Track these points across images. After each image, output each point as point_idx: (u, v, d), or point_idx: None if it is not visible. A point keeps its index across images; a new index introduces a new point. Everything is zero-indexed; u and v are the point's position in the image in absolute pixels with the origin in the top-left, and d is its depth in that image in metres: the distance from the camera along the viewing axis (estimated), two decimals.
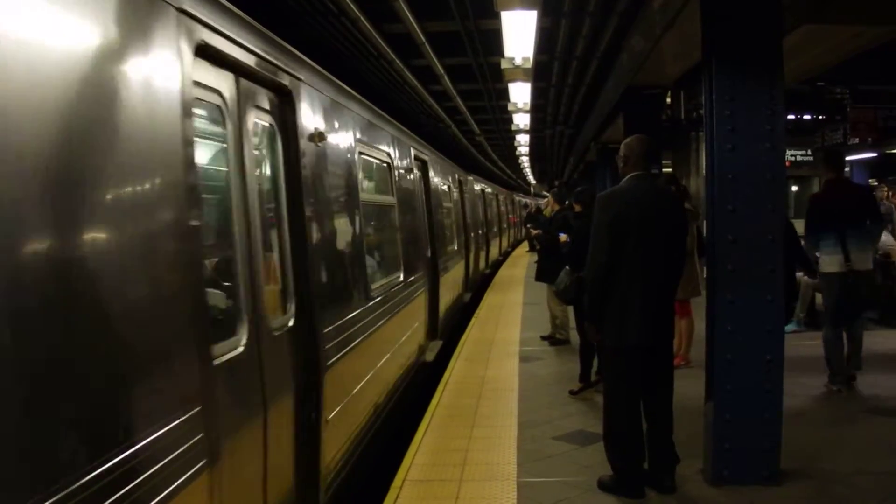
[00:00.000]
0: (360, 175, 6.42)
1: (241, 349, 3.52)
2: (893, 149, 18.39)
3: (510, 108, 16.09)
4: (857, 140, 15.87)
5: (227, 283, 3.64)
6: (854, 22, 6.83)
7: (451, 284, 12.80)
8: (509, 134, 24.69)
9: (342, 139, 5.80)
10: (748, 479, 5.07)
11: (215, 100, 3.51)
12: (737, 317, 5.06)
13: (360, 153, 6.38)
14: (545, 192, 43.83)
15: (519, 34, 9.12)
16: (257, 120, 4.07)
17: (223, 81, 3.58)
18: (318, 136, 4.91)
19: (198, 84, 3.20)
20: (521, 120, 18.57)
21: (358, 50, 11.85)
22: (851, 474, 5.21)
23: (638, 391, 5.07)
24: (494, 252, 25.27)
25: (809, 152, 19.21)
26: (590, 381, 7.64)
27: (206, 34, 3.25)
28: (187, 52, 3.04)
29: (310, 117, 4.83)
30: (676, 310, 8.39)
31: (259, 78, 4.01)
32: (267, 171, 4.33)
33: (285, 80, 4.35)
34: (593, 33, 10.26)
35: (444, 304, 11.31)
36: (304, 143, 4.61)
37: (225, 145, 3.62)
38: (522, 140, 25.99)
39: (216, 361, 3.19)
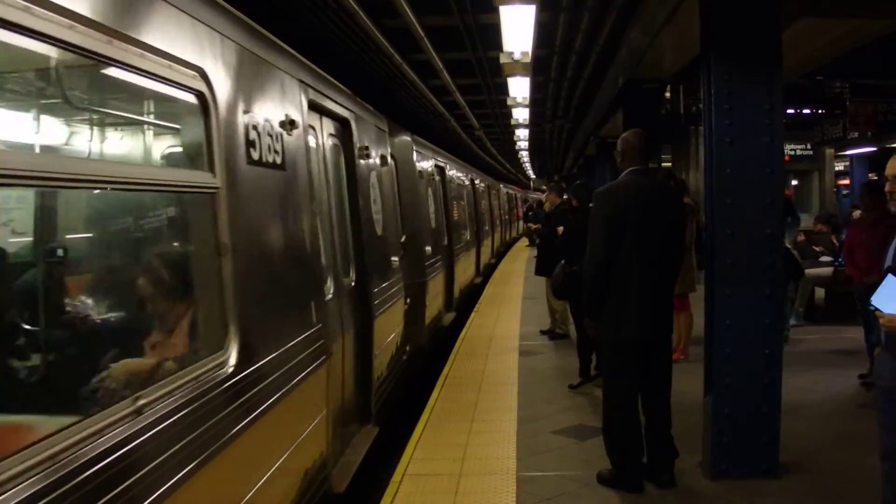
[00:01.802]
0: None
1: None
2: (893, 143, 18.37)
3: (509, 102, 16.03)
4: (856, 134, 15.85)
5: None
6: (852, 15, 6.84)
7: None
8: (509, 128, 24.64)
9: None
10: (747, 472, 5.09)
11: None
12: (735, 311, 5.07)
13: None
14: (544, 187, 43.74)
15: (518, 28, 9.09)
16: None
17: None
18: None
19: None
20: (521, 114, 18.51)
21: (356, 44, 11.82)
22: (850, 468, 5.22)
23: (637, 386, 5.08)
24: (468, 272, 16.32)
25: (809, 146, 19.19)
26: (589, 376, 7.65)
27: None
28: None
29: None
30: (675, 304, 8.43)
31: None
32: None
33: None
34: (592, 28, 10.24)
35: None
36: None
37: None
38: (522, 134, 25.91)
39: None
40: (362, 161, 6.46)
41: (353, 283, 6.00)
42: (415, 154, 10.23)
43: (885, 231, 6.69)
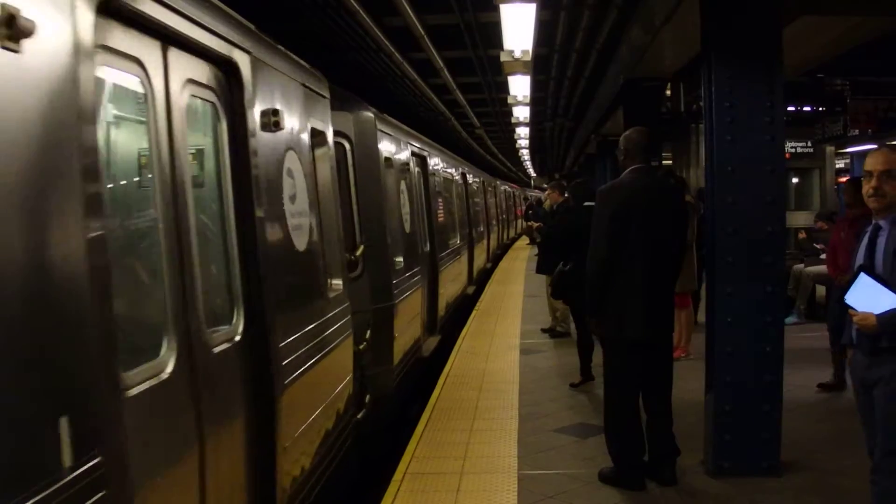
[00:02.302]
0: None
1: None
2: (894, 140, 18.37)
3: (510, 100, 16.02)
4: (856, 131, 15.83)
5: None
6: (852, 12, 6.82)
7: None
8: (509, 127, 24.63)
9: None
10: (748, 470, 5.09)
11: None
12: (736, 308, 5.07)
13: None
14: (545, 185, 43.73)
15: (518, 27, 9.09)
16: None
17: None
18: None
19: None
20: (521, 113, 18.50)
21: (357, 43, 11.82)
22: (851, 466, 5.20)
23: (638, 384, 5.09)
24: (458, 282, 13.84)
25: (809, 144, 19.16)
26: (590, 375, 7.65)
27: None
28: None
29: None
30: (676, 302, 8.43)
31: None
32: None
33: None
34: (592, 26, 10.24)
35: None
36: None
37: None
38: (522, 133, 25.89)
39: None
40: (267, 135, 3.98)
41: (238, 338, 3.56)
42: (381, 137, 7.59)
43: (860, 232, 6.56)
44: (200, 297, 3.15)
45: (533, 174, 59.32)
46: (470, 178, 18.23)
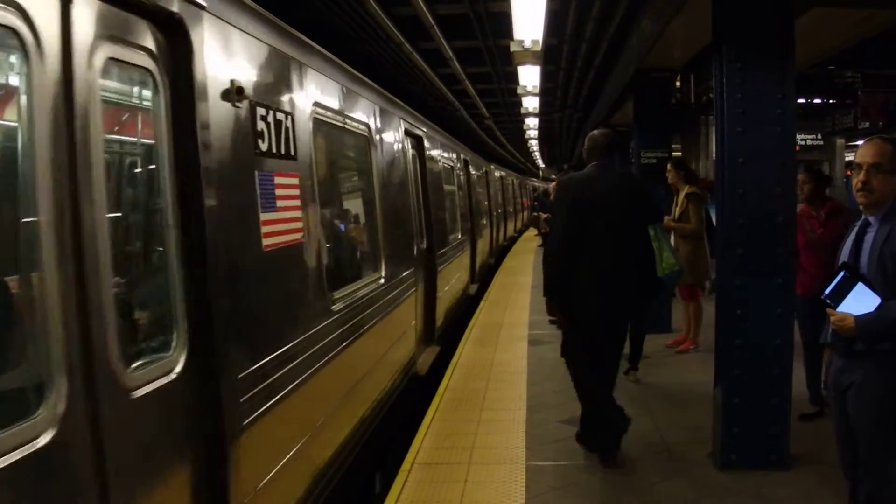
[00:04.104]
0: None
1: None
2: None
3: (519, 91, 15.99)
4: (867, 124, 15.77)
5: None
6: (865, 4, 6.78)
7: None
8: (518, 117, 24.58)
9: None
10: (757, 463, 5.09)
11: None
12: (746, 301, 5.06)
13: None
14: (553, 176, 43.69)
15: (528, 16, 9.07)
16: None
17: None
18: None
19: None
20: (531, 103, 18.46)
21: (366, 33, 11.80)
22: None
23: (596, 361, 5.39)
24: (410, 337, 7.62)
25: (820, 136, 19.09)
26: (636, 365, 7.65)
27: None
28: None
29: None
30: (685, 294, 8.43)
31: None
32: None
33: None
34: (602, 16, 10.20)
35: None
36: None
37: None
38: (532, 124, 25.86)
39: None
40: None
41: None
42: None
43: (839, 231, 5.23)
44: None
45: (542, 165, 59.27)
46: (435, 150, 11.26)
